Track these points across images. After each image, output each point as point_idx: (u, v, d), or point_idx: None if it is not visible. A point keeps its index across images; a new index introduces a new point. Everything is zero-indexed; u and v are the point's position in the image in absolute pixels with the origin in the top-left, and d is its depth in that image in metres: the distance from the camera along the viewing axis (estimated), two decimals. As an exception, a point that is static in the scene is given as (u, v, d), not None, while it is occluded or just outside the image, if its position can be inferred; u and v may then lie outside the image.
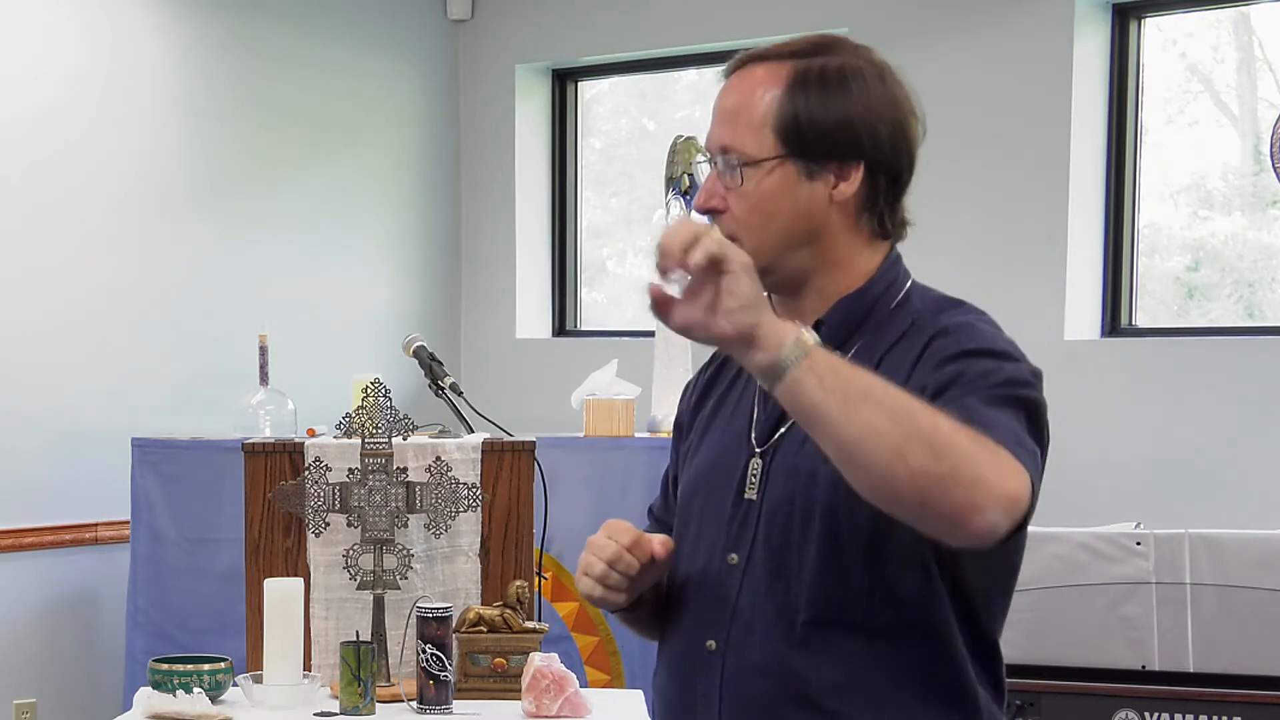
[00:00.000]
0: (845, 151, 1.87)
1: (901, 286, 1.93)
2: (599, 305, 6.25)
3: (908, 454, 1.62)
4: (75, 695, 4.97)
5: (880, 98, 1.89)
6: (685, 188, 5.52)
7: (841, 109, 1.87)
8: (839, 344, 1.85)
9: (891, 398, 1.64)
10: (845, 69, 1.88)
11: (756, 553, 1.88)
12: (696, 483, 2.00)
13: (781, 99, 1.87)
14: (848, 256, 1.91)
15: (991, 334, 1.84)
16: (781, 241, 1.88)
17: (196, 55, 5.29)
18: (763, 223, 1.88)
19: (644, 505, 4.71)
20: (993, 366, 1.78)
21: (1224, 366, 4.57)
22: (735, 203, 1.89)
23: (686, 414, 2.13)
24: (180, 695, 2.94)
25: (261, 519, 3.22)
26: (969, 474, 1.62)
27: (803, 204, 1.88)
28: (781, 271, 1.89)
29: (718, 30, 5.56)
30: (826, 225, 1.89)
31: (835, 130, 1.86)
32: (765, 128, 1.87)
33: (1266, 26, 4.88)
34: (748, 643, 1.87)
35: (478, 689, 3.06)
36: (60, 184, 4.93)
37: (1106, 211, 4.90)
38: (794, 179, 1.87)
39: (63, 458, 4.94)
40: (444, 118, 6.07)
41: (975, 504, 1.62)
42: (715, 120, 1.94)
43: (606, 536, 1.93)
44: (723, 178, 1.91)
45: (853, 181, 1.87)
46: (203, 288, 5.28)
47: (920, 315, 1.88)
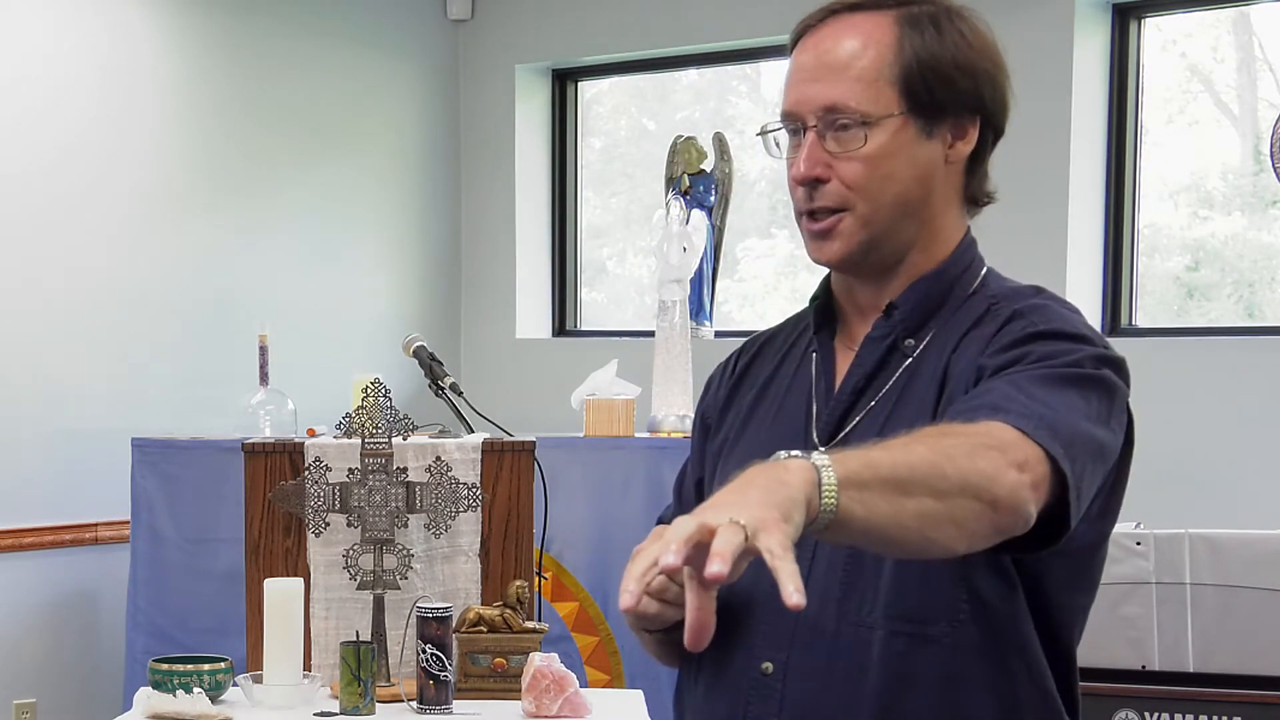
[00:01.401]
0: (964, 104, 1.70)
1: (979, 270, 1.78)
2: (599, 305, 6.25)
3: (959, 516, 1.46)
4: (75, 695, 4.97)
5: (989, 44, 1.75)
6: (685, 188, 5.53)
7: (960, 54, 1.70)
8: (912, 329, 1.73)
9: (905, 460, 1.45)
10: (951, 13, 1.72)
11: (820, 565, 1.69)
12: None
13: (897, 48, 1.68)
14: (943, 228, 1.75)
15: (1070, 317, 1.68)
16: (896, 209, 1.70)
17: (195, 55, 5.28)
18: (879, 188, 1.69)
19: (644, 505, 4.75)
20: (1063, 348, 1.62)
21: (1224, 366, 4.57)
22: (846, 168, 1.69)
23: (714, 411, 1.93)
24: (180, 695, 2.94)
25: (261, 519, 3.22)
26: (1003, 493, 1.46)
27: (921, 166, 1.70)
28: (886, 246, 1.73)
29: (718, 30, 5.56)
30: (936, 190, 1.73)
31: (956, 78, 1.69)
32: (881, 80, 1.68)
33: (1266, 26, 4.88)
34: (813, 665, 1.69)
35: (478, 689, 3.05)
36: (60, 184, 4.93)
37: (1106, 211, 4.90)
38: (914, 137, 1.69)
39: (63, 458, 4.94)
40: (444, 118, 6.07)
41: (1013, 511, 1.48)
42: (806, 79, 1.71)
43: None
44: (825, 142, 1.70)
45: (969, 140, 1.72)
46: (203, 288, 5.28)
47: (997, 299, 1.72)
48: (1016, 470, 1.47)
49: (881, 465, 1.44)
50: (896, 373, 1.72)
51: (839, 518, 1.41)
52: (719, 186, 5.51)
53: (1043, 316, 1.67)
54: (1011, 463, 1.47)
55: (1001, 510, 1.47)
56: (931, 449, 1.47)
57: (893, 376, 1.72)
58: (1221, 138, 5.05)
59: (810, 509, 1.39)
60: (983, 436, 1.49)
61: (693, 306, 5.17)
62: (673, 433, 4.52)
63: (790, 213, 1.90)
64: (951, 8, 1.74)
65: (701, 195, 5.47)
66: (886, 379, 1.73)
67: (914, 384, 1.71)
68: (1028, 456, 1.48)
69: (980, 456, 1.47)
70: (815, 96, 1.70)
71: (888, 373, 1.73)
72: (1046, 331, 1.64)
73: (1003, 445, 1.48)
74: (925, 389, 1.70)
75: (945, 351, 1.69)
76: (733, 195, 5.54)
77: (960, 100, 1.70)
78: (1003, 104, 1.74)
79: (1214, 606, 3.77)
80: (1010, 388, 1.56)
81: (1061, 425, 1.53)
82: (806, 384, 1.79)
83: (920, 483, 1.44)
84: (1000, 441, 1.49)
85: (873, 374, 1.74)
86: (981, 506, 1.46)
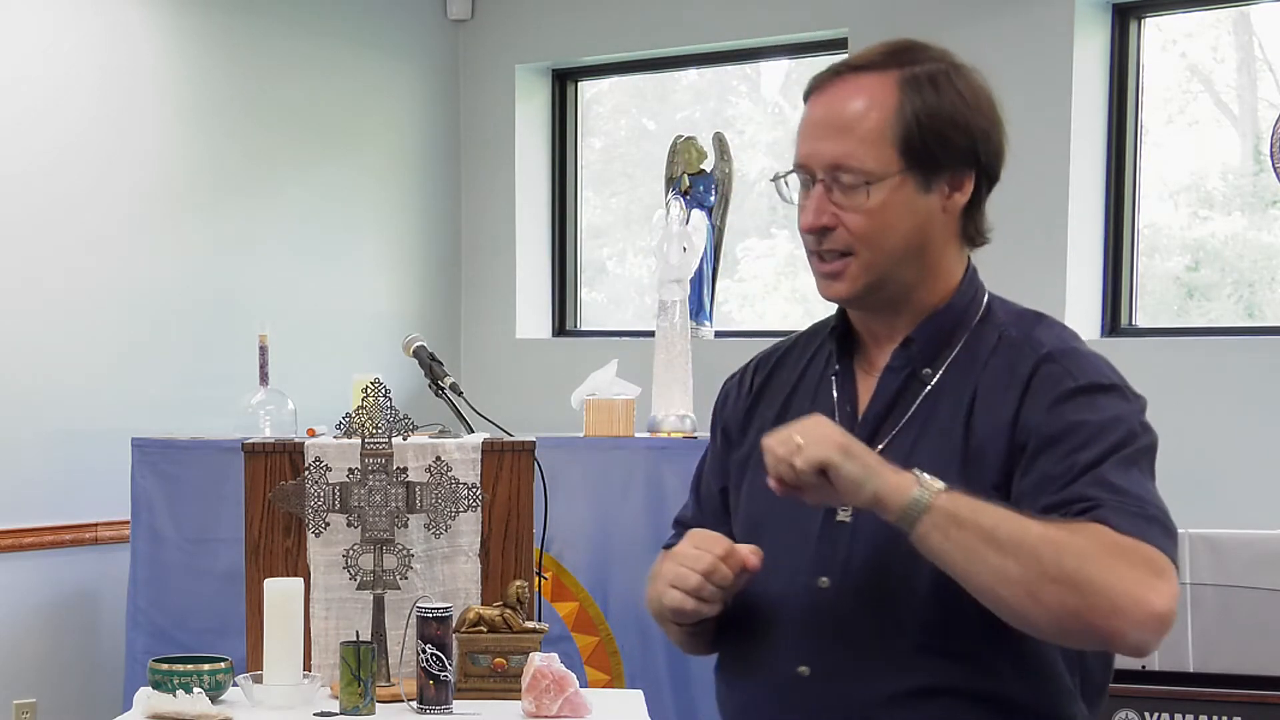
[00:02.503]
0: (960, 160, 1.86)
1: (983, 298, 1.93)
2: (599, 305, 6.25)
3: (1040, 595, 1.66)
4: (75, 695, 4.97)
5: (985, 101, 1.88)
6: (685, 188, 5.53)
7: (957, 113, 1.85)
8: (929, 359, 1.88)
9: (1016, 537, 1.67)
10: (949, 74, 1.87)
11: (851, 576, 1.84)
12: (768, 501, 1.89)
13: (898, 111, 1.84)
14: (944, 266, 1.91)
15: (1096, 361, 1.86)
16: (897, 255, 1.86)
17: (195, 55, 5.28)
18: (881, 237, 1.85)
19: (644, 505, 4.75)
20: (1111, 416, 1.79)
21: (1224, 366, 4.57)
22: (850, 218, 1.85)
23: (735, 420, 2.07)
24: (180, 695, 2.94)
25: (261, 519, 3.22)
26: (1105, 605, 1.65)
27: (920, 216, 1.86)
28: (890, 286, 1.88)
29: (718, 30, 5.56)
30: (933, 236, 1.88)
31: (952, 136, 1.84)
32: (883, 142, 1.83)
33: (1266, 26, 4.88)
34: (848, 668, 1.84)
35: (478, 689, 3.05)
36: (60, 184, 4.93)
37: (1106, 211, 4.90)
38: (913, 192, 1.85)
39: (63, 458, 4.94)
40: (444, 118, 6.07)
41: (1116, 630, 1.66)
42: (815, 135, 1.87)
43: (694, 547, 1.86)
44: (831, 194, 1.85)
45: (965, 191, 1.87)
46: (203, 288, 5.28)
47: (1006, 328, 1.89)
48: (1157, 607, 1.67)
49: (985, 517, 1.68)
50: (917, 400, 1.88)
51: (919, 534, 1.69)
52: (719, 186, 5.51)
53: (1077, 365, 1.83)
54: (1145, 591, 1.67)
55: (1111, 631, 1.67)
56: (1063, 537, 1.67)
57: (914, 404, 1.88)
58: (1221, 138, 5.05)
59: (886, 503, 1.70)
60: (1116, 546, 1.68)
61: (693, 306, 5.17)
62: (673, 433, 4.52)
63: (790, 213, 2.03)
64: (952, 67, 1.88)
65: (701, 195, 5.47)
66: (908, 406, 1.89)
67: (937, 409, 1.87)
68: (1155, 586, 1.68)
69: (1126, 568, 1.66)
70: (823, 152, 1.86)
71: (908, 400, 1.89)
72: (1087, 386, 1.81)
73: (1142, 576, 1.67)
74: (950, 414, 1.86)
75: (966, 379, 1.86)
76: (733, 195, 5.54)
77: (957, 156, 1.85)
78: (997, 155, 1.89)
79: (1214, 606, 3.77)
80: (1103, 486, 1.73)
81: (1166, 532, 1.74)
82: (828, 405, 1.94)
83: (1015, 550, 1.66)
84: (1132, 555, 1.68)
85: (893, 401, 1.90)
86: (1076, 605, 1.65)
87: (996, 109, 1.89)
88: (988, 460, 1.81)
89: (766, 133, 5.88)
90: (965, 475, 1.79)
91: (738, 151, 5.61)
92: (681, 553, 1.86)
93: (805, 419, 1.76)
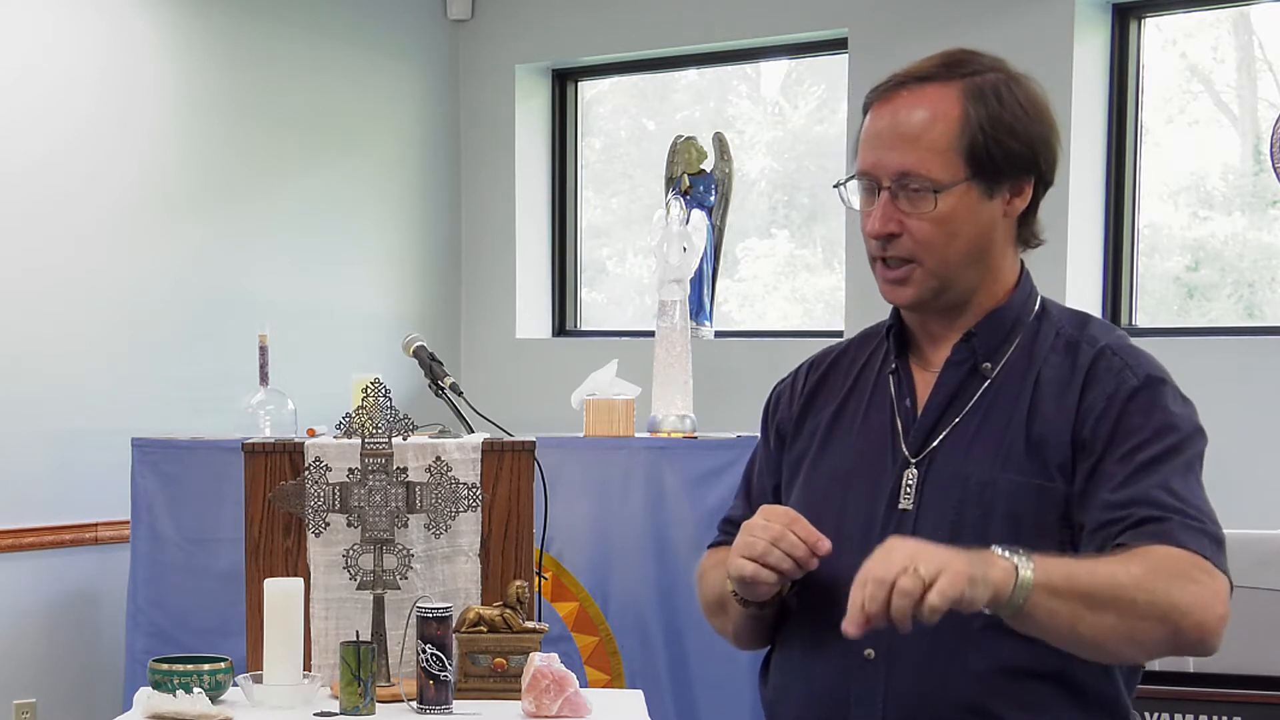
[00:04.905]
0: (1021, 168, 1.93)
1: (1036, 297, 2.03)
2: (599, 305, 6.26)
3: (1137, 635, 1.76)
4: (75, 695, 4.97)
5: (1043, 109, 1.97)
6: (685, 188, 5.53)
7: (1022, 127, 1.93)
8: (991, 353, 1.95)
9: (1108, 590, 1.74)
10: (1009, 84, 1.95)
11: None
12: (828, 492, 2.00)
13: (963, 120, 1.91)
14: (1002, 268, 1.99)
15: (1150, 358, 1.96)
16: (961, 261, 1.94)
17: (195, 55, 5.28)
18: (946, 244, 1.92)
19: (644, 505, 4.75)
20: (1169, 419, 1.89)
21: (1224, 366, 4.57)
22: (915, 225, 1.92)
23: (789, 424, 2.12)
24: (180, 695, 2.94)
25: (261, 519, 3.22)
26: (1193, 626, 1.76)
27: (983, 222, 1.93)
28: (953, 290, 1.96)
29: (718, 30, 5.56)
30: (994, 240, 1.96)
31: (1018, 150, 1.92)
32: (950, 150, 1.90)
33: (1266, 26, 4.88)
34: (915, 651, 1.89)
35: (478, 689, 3.05)
36: (59, 184, 4.93)
37: (1106, 211, 4.90)
38: (977, 200, 1.92)
39: (63, 458, 4.94)
40: (444, 118, 6.08)
41: (1203, 643, 1.78)
42: (881, 144, 1.93)
43: (764, 519, 1.91)
44: (898, 201, 1.92)
45: (1025, 196, 1.95)
46: (203, 288, 5.28)
47: (1062, 326, 1.98)
48: (1221, 611, 1.78)
49: (1079, 580, 1.74)
50: (978, 393, 1.96)
51: (1023, 611, 1.72)
52: (719, 186, 5.51)
53: (1134, 359, 1.93)
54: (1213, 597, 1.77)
55: (1190, 636, 1.77)
56: (1131, 575, 1.75)
57: (974, 395, 1.96)
58: (1221, 138, 5.05)
59: (999, 597, 1.71)
60: (1180, 566, 1.77)
61: (693, 306, 5.17)
62: (673, 433, 4.52)
63: (790, 213, 2.06)
64: (1010, 77, 1.95)
65: (701, 195, 5.47)
66: (968, 398, 1.96)
67: (999, 401, 1.94)
68: (1218, 592, 1.79)
69: (1196, 588, 1.77)
70: (890, 162, 1.92)
71: (969, 392, 1.96)
72: (1146, 383, 1.91)
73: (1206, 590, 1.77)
74: (1011, 406, 1.93)
75: (1026, 373, 1.94)
76: (733, 195, 5.54)
77: (1018, 164, 1.93)
78: (1053, 162, 1.98)
79: (1214, 606, 3.76)
80: (1169, 492, 1.83)
81: (1217, 544, 1.82)
82: (887, 401, 2.01)
83: (1111, 602, 1.73)
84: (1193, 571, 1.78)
85: (955, 393, 1.97)
86: (1167, 631, 1.75)
87: (1052, 116, 1.98)
88: (1050, 446, 1.88)
89: (766, 133, 5.88)
90: (1027, 462, 1.88)
91: (738, 151, 5.61)
92: (751, 524, 1.91)
93: (892, 547, 1.73)
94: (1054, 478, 1.88)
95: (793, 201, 5.75)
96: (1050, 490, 1.88)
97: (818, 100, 5.72)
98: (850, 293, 5.17)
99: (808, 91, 5.78)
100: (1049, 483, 1.88)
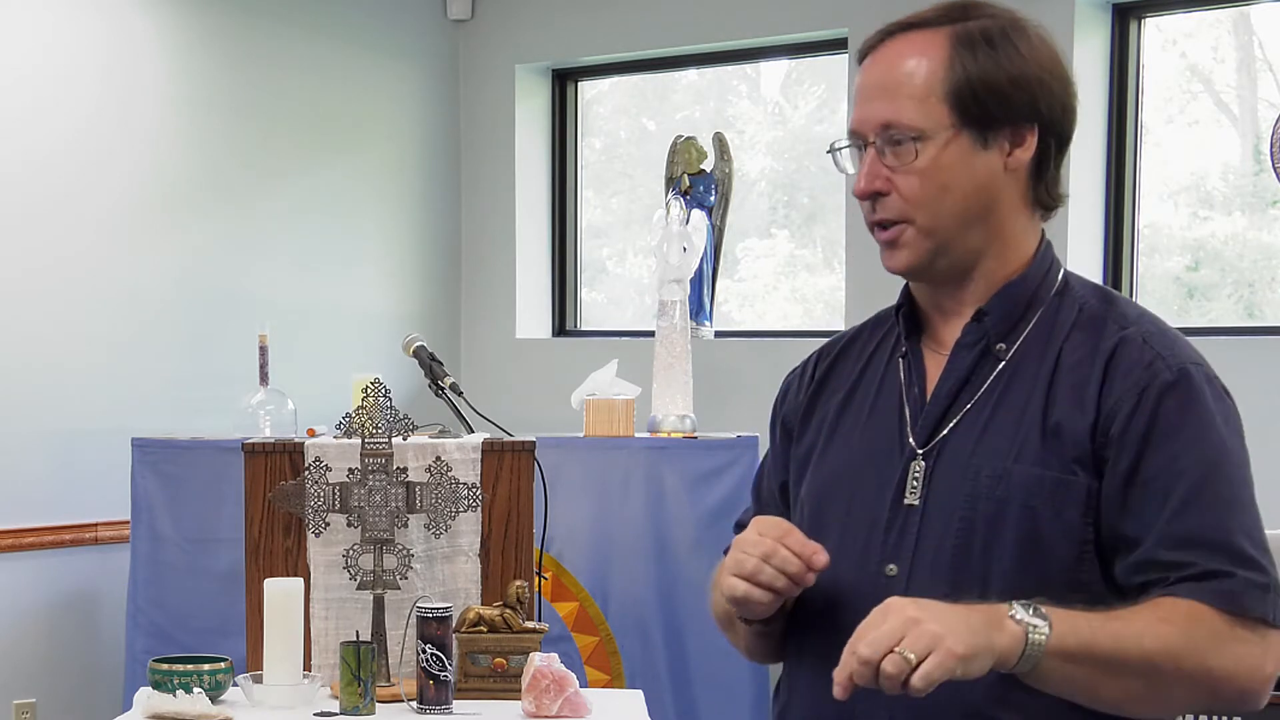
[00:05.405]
0: (1020, 114, 1.77)
1: (1058, 271, 1.85)
2: (599, 305, 6.26)
3: (1171, 700, 1.68)
4: (75, 695, 4.97)
5: (1046, 54, 1.80)
6: (685, 188, 5.53)
7: (1014, 68, 1.76)
8: (1005, 333, 1.80)
9: (1131, 655, 1.63)
10: (1006, 27, 1.79)
11: (922, 562, 1.76)
12: (833, 488, 1.86)
13: (948, 64, 1.76)
14: (1015, 233, 1.82)
15: (1182, 343, 1.81)
16: (958, 218, 1.78)
17: (195, 55, 5.28)
18: (937, 199, 1.76)
19: (644, 505, 4.75)
20: (1210, 422, 1.79)
21: (1224, 366, 4.54)
22: (903, 181, 1.77)
23: (796, 415, 1.96)
24: (180, 695, 2.94)
25: (261, 519, 3.22)
26: (1232, 690, 1.67)
27: (979, 175, 1.77)
28: (954, 253, 1.79)
29: (718, 30, 5.56)
30: (999, 198, 1.79)
31: (1009, 91, 1.76)
32: (932, 97, 1.75)
33: (1266, 26, 4.88)
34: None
35: (478, 689, 3.06)
36: (59, 183, 4.93)
37: (1106, 211, 4.90)
38: (968, 149, 1.76)
39: (63, 458, 4.94)
40: (444, 118, 6.07)
41: (1245, 703, 1.69)
42: (866, 97, 1.80)
43: (757, 533, 1.76)
44: (884, 157, 1.77)
45: (1028, 147, 1.78)
46: (203, 288, 5.28)
47: (1086, 301, 1.81)
48: (1270, 671, 1.68)
49: (1100, 646, 1.62)
50: (990, 376, 1.80)
51: (1037, 676, 1.62)
52: (719, 186, 5.51)
53: (1162, 342, 1.78)
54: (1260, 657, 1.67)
55: (1228, 698, 1.69)
56: (1162, 641, 1.63)
57: (987, 380, 1.80)
58: (1221, 138, 5.05)
59: (1004, 664, 1.60)
60: (1226, 628, 1.66)
61: (693, 306, 5.17)
62: (673, 433, 4.52)
63: (790, 213, 1.98)
64: (1009, 21, 1.80)
65: (701, 195, 5.47)
66: (980, 383, 1.80)
67: (1014, 386, 1.78)
68: (1269, 649, 1.68)
69: (1242, 649, 1.66)
70: (873, 115, 1.78)
71: (981, 376, 1.80)
72: (1179, 379, 1.76)
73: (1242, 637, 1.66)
74: (1026, 391, 1.77)
75: (1044, 354, 1.77)
76: (733, 195, 5.54)
77: (1015, 111, 1.77)
78: (1062, 111, 1.81)
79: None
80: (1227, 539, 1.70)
81: (1271, 575, 1.70)
82: (896, 388, 1.85)
83: (1137, 669, 1.63)
84: (1241, 632, 1.66)
85: (966, 378, 1.81)
86: (1201, 695, 1.68)
87: (1060, 64, 1.81)
88: (1066, 438, 1.72)
89: (766, 133, 5.88)
90: (1043, 453, 1.73)
91: (738, 151, 5.61)
92: (743, 539, 1.77)
93: (889, 610, 1.60)
94: (1074, 471, 1.71)
95: (793, 201, 5.75)
96: (1071, 484, 1.72)
97: (818, 100, 5.72)
98: (850, 293, 5.17)
99: (808, 91, 5.77)
100: (1069, 476, 1.72)
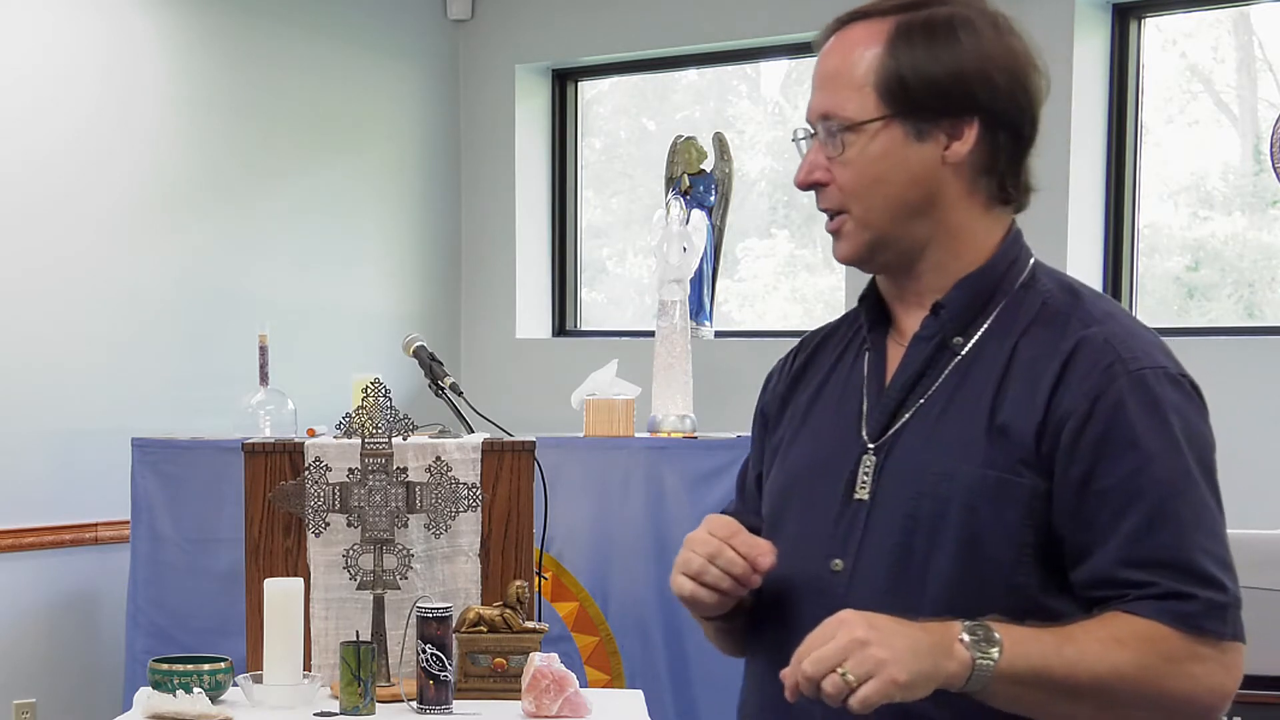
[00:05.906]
0: (957, 107, 1.73)
1: (1026, 263, 1.81)
2: (599, 305, 6.26)
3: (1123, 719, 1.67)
4: (75, 695, 4.97)
5: (996, 47, 1.75)
6: (685, 188, 5.53)
7: (951, 60, 1.73)
8: (963, 327, 1.77)
9: (1083, 679, 1.61)
10: (954, 18, 1.75)
11: (865, 558, 1.74)
12: (794, 480, 1.84)
13: (883, 55, 1.74)
14: (966, 226, 1.78)
15: (1148, 342, 1.76)
16: (893, 210, 1.75)
17: (195, 55, 5.28)
18: (871, 190, 1.75)
19: (644, 505, 4.75)
20: (1166, 427, 1.69)
21: (1224, 366, 4.57)
22: (840, 172, 1.76)
23: (774, 405, 1.94)
24: (180, 695, 2.94)
25: (261, 519, 3.22)
26: (1192, 710, 1.70)
27: (914, 168, 1.74)
28: (896, 246, 1.77)
29: (718, 30, 5.56)
30: (942, 191, 1.76)
31: (944, 83, 1.73)
32: (866, 87, 1.74)
33: (1266, 26, 4.88)
34: None
35: (478, 689, 3.06)
36: (59, 183, 4.93)
37: (1106, 211, 4.90)
38: (902, 140, 1.74)
39: (63, 458, 4.94)
40: (444, 118, 6.07)
41: (1203, 718, 1.71)
42: (815, 86, 1.80)
43: (707, 532, 1.75)
44: (825, 147, 1.77)
45: (966, 140, 1.74)
46: (203, 288, 5.28)
47: (1051, 295, 1.77)
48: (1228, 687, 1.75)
49: (1052, 671, 1.61)
50: (946, 370, 1.77)
51: (987, 695, 1.61)
52: (719, 186, 5.51)
53: (1123, 343, 1.72)
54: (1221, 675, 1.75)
55: (1191, 717, 1.71)
56: (1113, 666, 1.62)
57: (942, 374, 1.77)
58: (1221, 138, 5.05)
59: (950, 685, 1.59)
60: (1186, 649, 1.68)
61: (693, 306, 5.17)
62: (673, 433, 4.52)
63: (790, 213, 1.98)
64: (957, 15, 1.76)
65: (701, 195, 5.47)
66: (936, 376, 1.77)
67: (969, 381, 1.75)
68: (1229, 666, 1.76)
69: (1197, 665, 1.69)
70: (817, 104, 1.79)
71: (937, 370, 1.77)
72: (1140, 382, 1.70)
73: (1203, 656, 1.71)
74: (981, 386, 1.73)
75: (1001, 348, 1.74)
76: (733, 195, 5.54)
77: (952, 103, 1.73)
78: (1009, 104, 1.76)
79: (1214, 606, 3.76)
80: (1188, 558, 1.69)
81: (1231, 599, 1.77)
82: (859, 381, 1.83)
83: (1089, 693, 1.62)
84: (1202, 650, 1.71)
85: (921, 372, 1.78)
86: (1163, 715, 1.68)
87: (1016, 57, 1.76)
88: (1013, 438, 1.68)
89: (766, 133, 5.88)
90: (990, 452, 1.69)
91: (738, 151, 5.61)
92: (692, 537, 1.76)
93: (840, 622, 1.59)
94: (1020, 472, 1.67)
95: (793, 201, 5.75)
96: (1014, 485, 1.68)
97: (818, 100, 5.71)
98: (850, 293, 5.17)
99: (807, 91, 5.77)
100: (1014, 477, 1.67)
